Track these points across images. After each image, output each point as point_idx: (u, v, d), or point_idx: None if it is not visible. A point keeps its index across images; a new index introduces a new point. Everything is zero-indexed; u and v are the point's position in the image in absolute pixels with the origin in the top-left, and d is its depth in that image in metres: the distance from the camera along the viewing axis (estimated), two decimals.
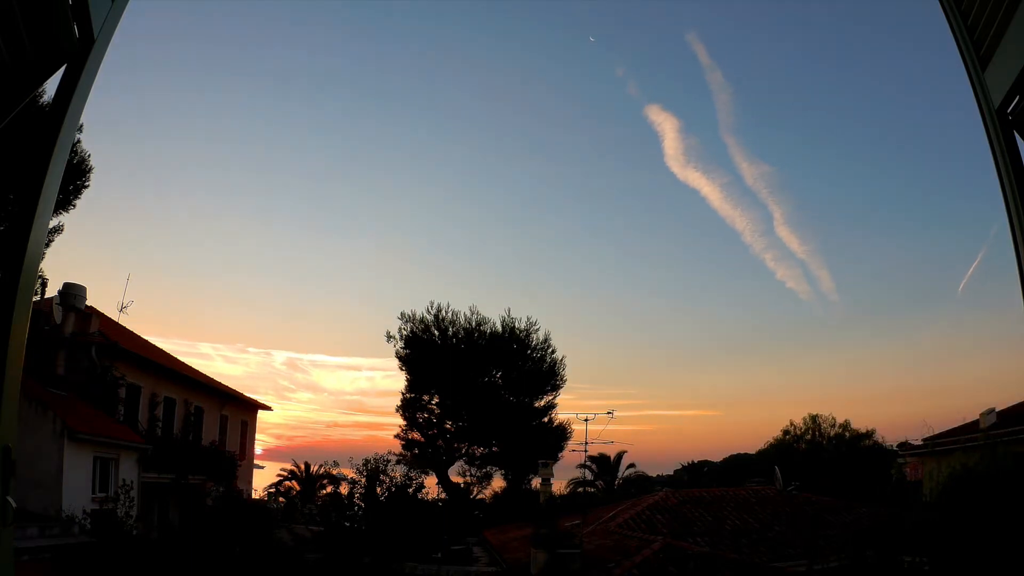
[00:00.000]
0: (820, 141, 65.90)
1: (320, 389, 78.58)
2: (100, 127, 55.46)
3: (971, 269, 63.04)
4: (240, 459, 34.43)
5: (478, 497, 36.54)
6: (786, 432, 43.73)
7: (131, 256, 61.09)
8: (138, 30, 41.24)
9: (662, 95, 66.19)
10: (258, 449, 41.26)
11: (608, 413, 30.20)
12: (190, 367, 32.15)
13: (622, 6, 59.48)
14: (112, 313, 29.15)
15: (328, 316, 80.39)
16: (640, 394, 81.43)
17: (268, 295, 77.73)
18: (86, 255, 52.58)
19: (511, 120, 67.95)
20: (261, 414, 40.33)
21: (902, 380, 72.94)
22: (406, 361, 36.12)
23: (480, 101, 66.76)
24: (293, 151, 69.09)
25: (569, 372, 38.36)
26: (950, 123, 64.29)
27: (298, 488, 42.98)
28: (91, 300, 25.10)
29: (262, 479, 43.51)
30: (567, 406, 42.14)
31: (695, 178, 67.64)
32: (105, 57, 2.36)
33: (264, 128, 65.88)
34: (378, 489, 27.01)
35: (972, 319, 68.15)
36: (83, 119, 2.54)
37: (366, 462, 28.01)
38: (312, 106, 65.92)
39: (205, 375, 33.11)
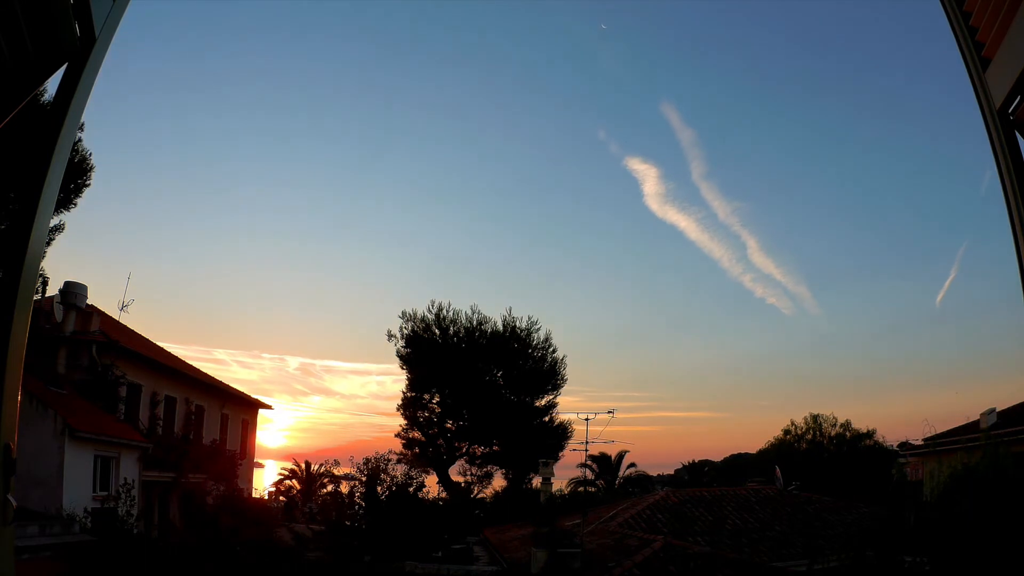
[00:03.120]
0: (791, 168, 70.21)
1: (332, 393, 79.22)
2: (101, 126, 55.52)
3: (947, 283, 65.92)
4: (241, 458, 34.46)
5: (479, 496, 36.58)
6: (787, 432, 43.78)
7: (134, 257, 61.22)
8: (140, 29, 41.27)
9: (640, 151, 71.94)
10: (271, 447, 41.44)
11: (609, 412, 30.17)
12: (191, 365, 32.17)
13: (604, 81, 65.65)
14: (113, 312, 29.23)
15: (339, 322, 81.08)
16: (641, 396, 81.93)
17: (282, 301, 78.28)
18: (87, 254, 52.65)
19: (510, 139, 70.56)
20: (274, 417, 40.46)
21: (902, 381, 73.82)
22: (407, 360, 36.16)
23: (482, 109, 67.91)
24: (298, 153, 69.12)
25: (570, 373, 38.38)
26: (925, 137, 67.16)
27: (299, 487, 43.04)
28: (92, 299, 25.15)
29: (263, 478, 43.65)
30: (568, 407, 42.42)
31: (672, 214, 73.15)
32: (106, 56, 2.36)
33: (267, 128, 65.83)
34: (379, 488, 27.04)
35: (962, 322, 69.86)
36: (84, 118, 2.54)
37: (367, 461, 28.05)
38: (315, 106, 65.87)
39: (206, 373, 33.13)
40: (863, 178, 71.12)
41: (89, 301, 24.75)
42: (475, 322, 36.14)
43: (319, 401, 78.23)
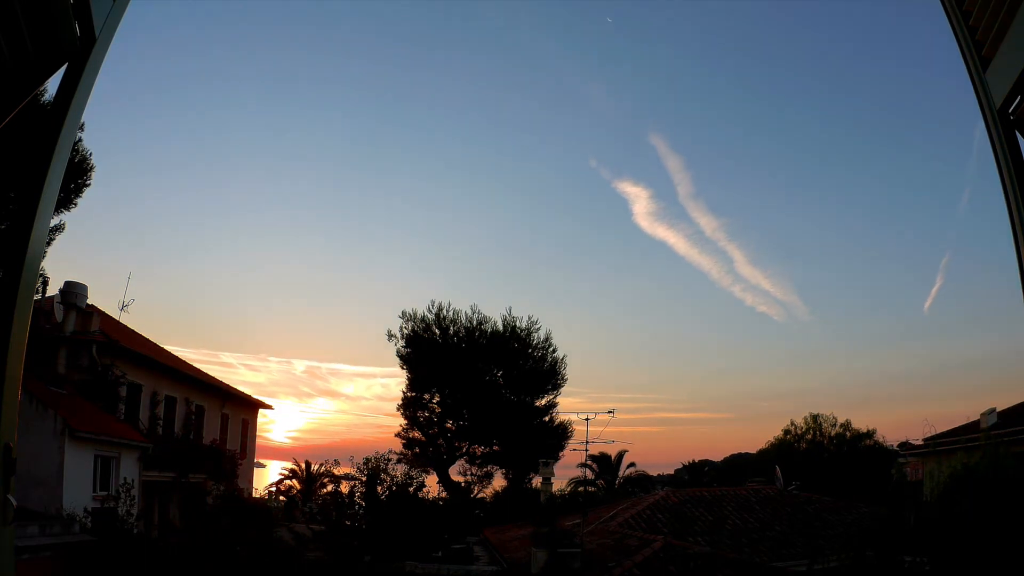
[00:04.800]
0: (775, 185, 72.37)
1: (338, 395, 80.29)
2: (101, 126, 55.61)
3: (934, 291, 68.78)
4: (241, 458, 34.46)
5: (479, 496, 36.58)
6: (787, 432, 43.80)
7: (134, 257, 61.48)
8: (140, 29, 41.31)
9: (630, 176, 75.33)
10: (278, 448, 41.34)
11: (609, 412, 30.13)
12: (191, 365, 32.17)
13: (593, 118, 68.75)
14: (113, 312, 29.22)
15: (345, 326, 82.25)
16: (641, 396, 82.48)
17: (288, 305, 79.35)
18: (87, 254, 52.67)
19: (509, 154, 72.63)
20: (282, 418, 40.48)
21: (898, 382, 74.71)
22: (407, 360, 36.16)
23: (482, 125, 69.84)
24: (298, 153, 69.16)
25: (571, 375, 38.42)
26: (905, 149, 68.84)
27: (299, 487, 43.02)
28: (92, 299, 25.13)
29: (267, 477, 43.71)
30: (569, 407, 42.62)
31: (661, 230, 77.83)
32: (106, 56, 2.36)
33: (266, 129, 65.85)
34: (379, 488, 27.05)
35: (952, 326, 71.79)
36: (84, 118, 2.54)
37: (367, 461, 28.04)
38: (320, 108, 65.87)
39: (206, 373, 33.14)
40: (846, 191, 73.50)
41: (89, 301, 24.75)
42: (475, 322, 36.17)
43: (325, 403, 78.90)
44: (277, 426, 64.50)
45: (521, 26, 62.94)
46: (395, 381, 61.74)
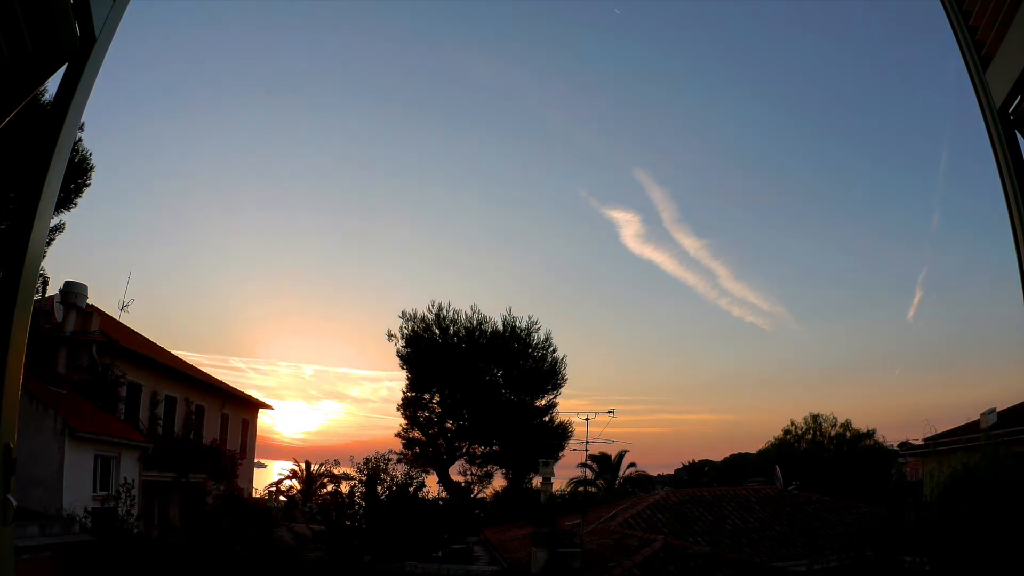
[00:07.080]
0: (751, 208, 75.77)
1: (345, 397, 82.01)
2: (101, 126, 55.66)
3: (916, 301, 70.82)
4: (241, 458, 34.46)
5: (479, 496, 36.56)
6: (787, 432, 43.73)
7: (134, 257, 61.76)
8: (140, 29, 41.35)
9: (616, 205, 78.65)
10: (286, 449, 41.59)
11: (609, 412, 30.08)
12: (191, 365, 32.16)
13: (584, 151, 72.25)
14: (113, 312, 29.21)
15: (352, 330, 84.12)
16: (642, 398, 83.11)
17: (295, 310, 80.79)
18: (87, 254, 52.71)
19: (504, 167, 74.69)
20: (289, 420, 40.51)
21: (894, 382, 75.57)
22: (407, 360, 36.15)
23: (480, 128, 70.72)
24: (298, 154, 69.36)
25: (571, 376, 38.45)
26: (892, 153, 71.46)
27: (299, 487, 43.01)
28: (92, 299, 25.11)
29: (265, 478, 43.71)
30: (569, 408, 42.85)
31: (649, 251, 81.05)
32: (106, 56, 2.36)
33: (268, 131, 65.92)
34: (379, 488, 27.03)
35: (939, 330, 73.30)
36: (84, 118, 2.54)
37: (367, 461, 28.03)
38: (318, 109, 65.98)
39: (206, 374, 33.13)
40: (825, 204, 75.55)
41: (89, 301, 24.73)
42: (475, 322, 36.16)
43: (333, 406, 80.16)
44: (286, 428, 65.26)
45: (517, 75, 65.89)
46: (401, 384, 62.34)
